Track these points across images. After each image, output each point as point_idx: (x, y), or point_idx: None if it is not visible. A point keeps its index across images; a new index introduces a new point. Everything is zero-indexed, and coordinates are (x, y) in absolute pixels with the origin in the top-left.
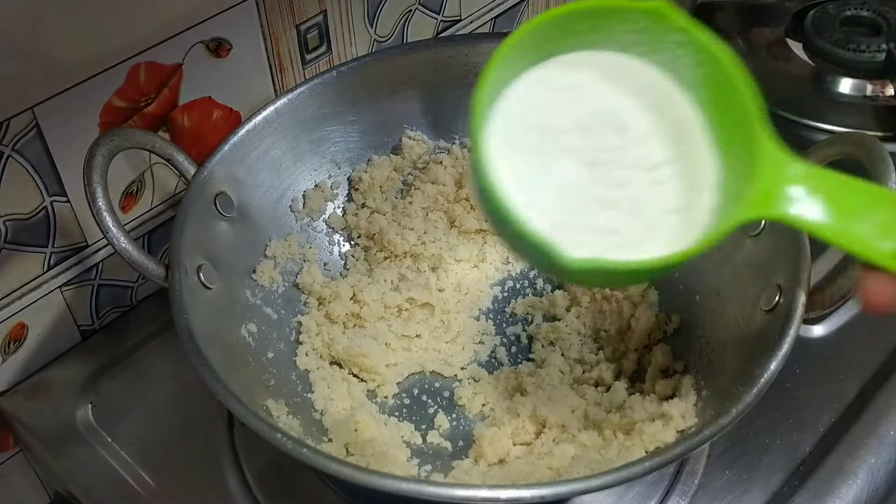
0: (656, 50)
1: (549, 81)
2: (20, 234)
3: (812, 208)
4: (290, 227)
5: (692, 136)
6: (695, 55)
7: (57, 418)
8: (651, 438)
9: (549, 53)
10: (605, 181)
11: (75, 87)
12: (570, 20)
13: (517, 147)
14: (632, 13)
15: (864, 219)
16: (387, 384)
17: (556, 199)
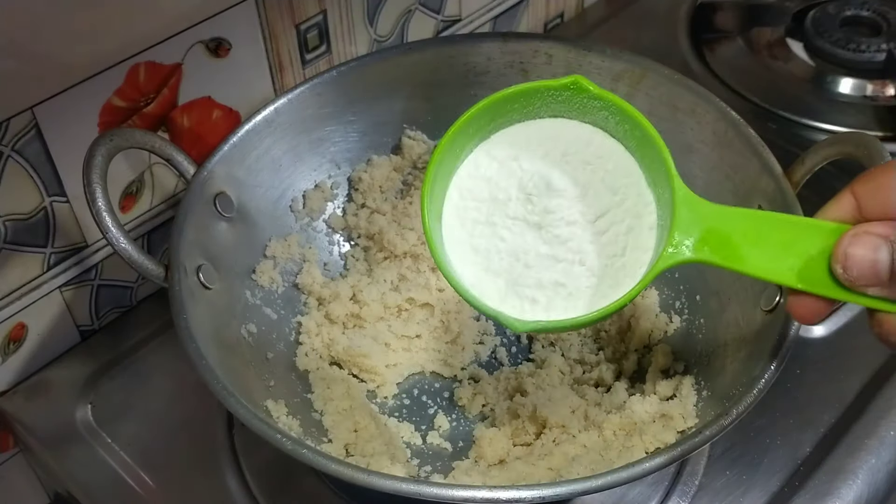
0: (584, 112)
1: (494, 154)
2: (20, 234)
3: (719, 247)
4: (289, 227)
5: (628, 183)
6: (616, 115)
7: (57, 418)
8: (651, 439)
9: (491, 131)
10: (550, 240)
11: (75, 87)
12: (502, 104)
13: (472, 218)
14: (553, 89)
15: (765, 244)
16: (387, 384)
17: (509, 262)
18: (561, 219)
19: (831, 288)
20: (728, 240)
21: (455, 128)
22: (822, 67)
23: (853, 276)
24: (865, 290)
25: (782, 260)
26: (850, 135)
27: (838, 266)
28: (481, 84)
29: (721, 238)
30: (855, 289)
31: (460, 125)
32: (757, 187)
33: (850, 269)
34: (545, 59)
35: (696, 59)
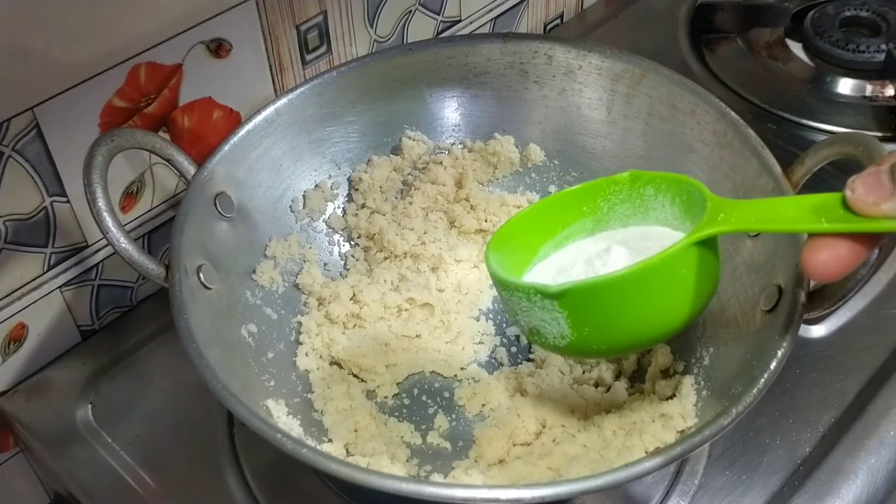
0: (646, 210)
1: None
2: (20, 234)
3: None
4: (290, 228)
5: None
6: (665, 191)
7: (57, 418)
8: (651, 439)
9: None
10: None
11: (75, 87)
12: (568, 201)
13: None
14: (614, 184)
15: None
16: (387, 384)
17: None
18: (613, 266)
19: (850, 221)
20: (755, 214)
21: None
22: (821, 68)
23: (861, 194)
24: (878, 208)
25: (804, 216)
26: (849, 135)
27: (848, 190)
28: (481, 84)
29: (749, 214)
30: (867, 210)
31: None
32: (757, 187)
33: (856, 188)
34: (545, 59)
35: (695, 60)
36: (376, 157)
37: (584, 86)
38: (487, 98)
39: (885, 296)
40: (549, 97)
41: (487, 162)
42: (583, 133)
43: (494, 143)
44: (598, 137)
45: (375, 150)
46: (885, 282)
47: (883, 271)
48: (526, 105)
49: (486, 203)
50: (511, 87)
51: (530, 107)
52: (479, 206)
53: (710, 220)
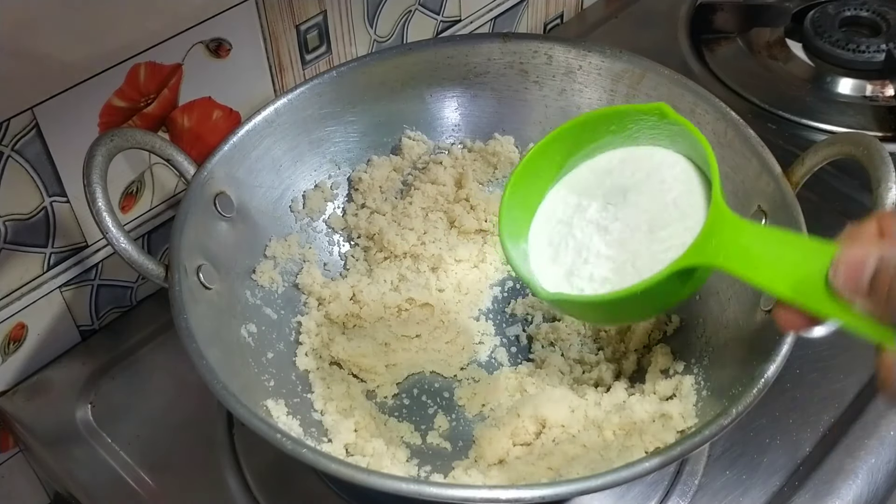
0: (673, 140)
1: (593, 167)
2: (20, 234)
3: (734, 258)
4: (289, 228)
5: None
6: (689, 138)
7: (57, 418)
8: (651, 438)
9: (595, 149)
10: (612, 242)
11: (75, 87)
12: (598, 122)
13: (557, 218)
14: (642, 113)
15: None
16: (386, 384)
17: (573, 256)
18: (627, 225)
19: (826, 304)
20: (746, 252)
21: (552, 135)
22: (821, 68)
23: (840, 282)
24: (852, 300)
25: (789, 275)
26: (849, 135)
27: (831, 270)
28: (481, 84)
29: (740, 249)
30: (843, 297)
31: (558, 133)
32: (757, 187)
33: (838, 273)
34: (545, 59)
35: (695, 60)
36: (376, 157)
37: (584, 86)
38: (487, 98)
39: None
40: (549, 97)
41: (487, 162)
42: None
43: (494, 143)
44: None
45: (375, 150)
46: None
47: None
48: (526, 105)
49: (486, 203)
50: (511, 87)
51: (530, 107)
52: (479, 206)
53: (701, 244)
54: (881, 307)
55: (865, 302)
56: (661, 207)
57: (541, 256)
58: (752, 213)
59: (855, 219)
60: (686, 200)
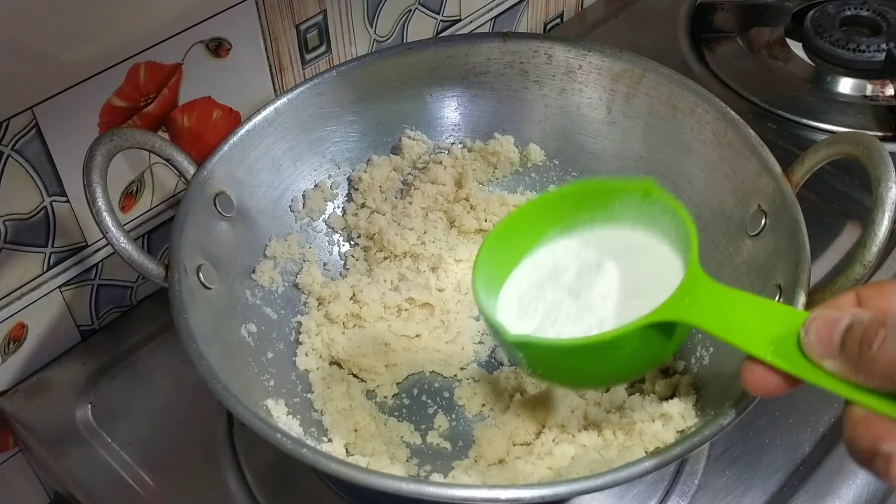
0: (654, 222)
1: (570, 246)
2: (20, 234)
3: (708, 316)
4: (289, 227)
5: (671, 285)
6: (671, 216)
7: (57, 418)
8: (651, 438)
9: (573, 225)
10: (582, 306)
11: (75, 87)
12: (580, 197)
13: (529, 281)
14: (628, 191)
15: (751, 321)
16: (386, 384)
17: (541, 316)
18: (598, 293)
19: (797, 364)
20: (720, 311)
21: (535, 202)
22: (821, 67)
23: (811, 342)
24: (822, 363)
25: (760, 334)
26: (849, 135)
27: (802, 330)
28: (481, 84)
29: (714, 309)
30: (813, 359)
31: (541, 200)
32: (757, 187)
33: (809, 332)
34: (545, 59)
35: (695, 59)
36: (376, 157)
37: (584, 85)
38: (487, 98)
39: None
40: (549, 97)
41: (487, 162)
42: (583, 133)
43: (494, 143)
44: (598, 137)
45: (375, 149)
46: None
47: (883, 271)
48: (526, 105)
49: (486, 203)
50: (511, 86)
51: (530, 106)
52: (479, 205)
53: (675, 301)
54: (851, 366)
55: (835, 362)
56: (635, 281)
57: (509, 313)
58: (751, 213)
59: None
60: (662, 278)
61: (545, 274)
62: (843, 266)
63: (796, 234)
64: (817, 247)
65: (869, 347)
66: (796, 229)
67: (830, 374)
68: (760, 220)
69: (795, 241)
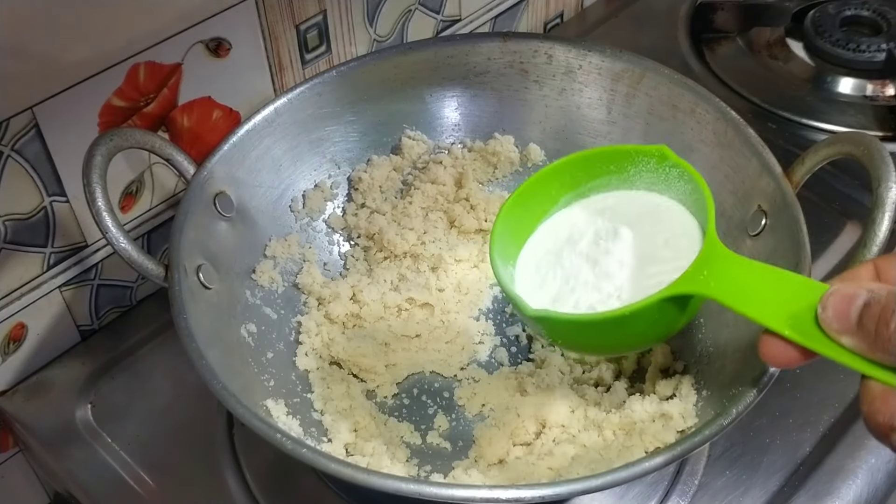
0: (669, 185)
1: (587, 208)
2: (20, 233)
3: (725, 289)
4: (289, 227)
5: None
6: (689, 182)
7: (57, 418)
8: (651, 438)
9: (590, 189)
10: (600, 274)
11: (75, 87)
12: (596, 162)
13: (545, 248)
14: (644, 155)
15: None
16: (386, 384)
17: (559, 284)
18: (616, 259)
19: (814, 338)
20: (737, 284)
21: (551, 167)
22: (821, 67)
23: (828, 317)
24: (839, 338)
25: (778, 307)
26: (849, 135)
27: (820, 306)
28: (481, 84)
29: (731, 281)
30: (830, 334)
31: (557, 166)
32: (757, 187)
33: (827, 307)
34: (545, 59)
35: (696, 59)
36: (376, 157)
37: (584, 85)
38: (487, 97)
39: None
40: (549, 97)
41: (487, 162)
42: (583, 133)
43: (494, 143)
44: (598, 137)
45: (375, 149)
46: None
47: None
48: (526, 105)
49: (486, 203)
50: (511, 86)
51: (530, 106)
52: (479, 205)
53: (692, 274)
54: (869, 342)
55: (852, 338)
56: (652, 246)
57: (527, 281)
58: (752, 213)
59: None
60: (679, 242)
61: (562, 240)
62: (844, 266)
63: (796, 234)
64: (817, 247)
65: (886, 326)
66: (796, 229)
67: (847, 350)
68: (760, 220)
69: (795, 241)
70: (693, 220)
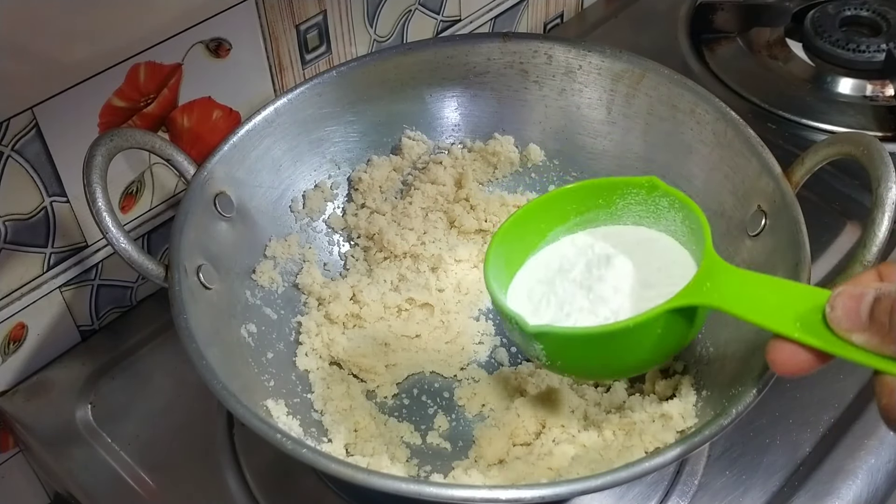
0: (659, 217)
1: (576, 242)
2: (20, 234)
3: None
4: (289, 228)
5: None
6: (679, 210)
7: (57, 418)
8: (651, 439)
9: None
10: (595, 299)
11: (75, 87)
12: (586, 193)
13: (537, 278)
14: (633, 186)
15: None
16: (386, 384)
17: (554, 310)
18: (610, 286)
19: (824, 339)
20: (741, 293)
21: (539, 200)
22: (821, 67)
23: (837, 316)
24: (850, 336)
25: (784, 313)
26: (849, 135)
27: (828, 306)
28: (481, 84)
29: (735, 291)
30: (840, 333)
31: (545, 199)
32: (756, 187)
33: (836, 307)
34: (545, 59)
35: (695, 59)
36: (376, 157)
37: (584, 86)
38: (487, 98)
39: None
40: (549, 97)
41: (487, 162)
42: (583, 133)
43: (494, 143)
44: (597, 137)
45: (375, 149)
46: None
47: None
48: (526, 105)
49: (486, 203)
50: (511, 86)
51: (530, 107)
52: (479, 206)
53: (695, 287)
54: (881, 336)
55: (864, 334)
56: (646, 272)
57: (521, 308)
58: (751, 214)
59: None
60: (672, 270)
61: (553, 271)
62: (843, 266)
63: (796, 234)
64: (817, 247)
65: None
66: (796, 229)
67: (859, 347)
68: (760, 221)
69: (795, 241)
70: (684, 251)
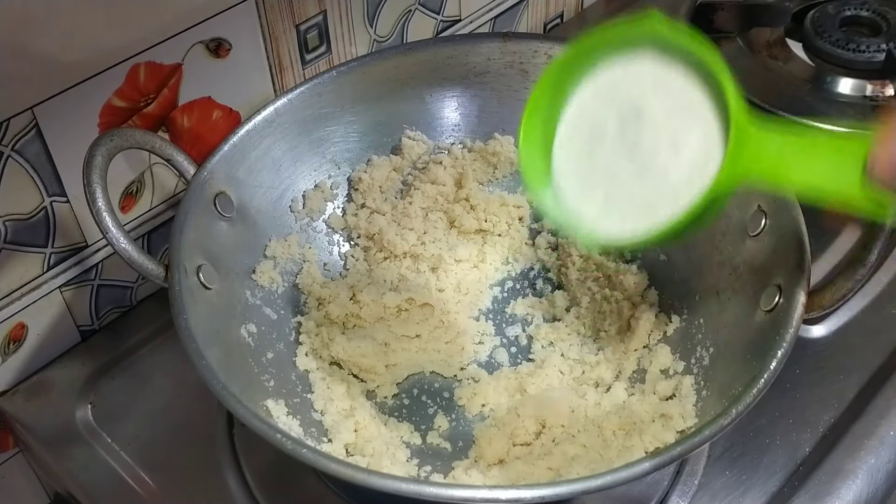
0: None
1: (597, 83)
2: (20, 234)
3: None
4: (289, 228)
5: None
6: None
7: (57, 418)
8: (651, 439)
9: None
10: (637, 168)
11: (75, 87)
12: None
13: (576, 153)
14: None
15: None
16: (386, 384)
17: (605, 188)
18: (648, 147)
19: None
20: (778, 159)
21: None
22: (821, 67)
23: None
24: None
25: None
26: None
27: (870, 160)
28: (481, 84)
29: (772, 158)
30: (884, 185)
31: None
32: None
33: (878, 161)
34: (545, 59)
35: None
36: (376, 157)
37: None
38: (487, 98)
39: (885, 296)
40: None
41: (487, 162)
42: None
43: (494, 143)
44: None
45: (375, 150)
46: (885, 282)
47: (883, 271)
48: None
49: (486, 203)
50: (511, 86)
51: None
52: (479, 206)
53: (732, 160)
54: None
55: None
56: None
57: (571, 196)
58: (752, 213)
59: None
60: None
61: (585, 138)
62: (843, 266)
63: (796, 234)
64: (817, 247)
65: None
66: (796, 229)
67: None
68: (760, 221)
69: (795, 241)
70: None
